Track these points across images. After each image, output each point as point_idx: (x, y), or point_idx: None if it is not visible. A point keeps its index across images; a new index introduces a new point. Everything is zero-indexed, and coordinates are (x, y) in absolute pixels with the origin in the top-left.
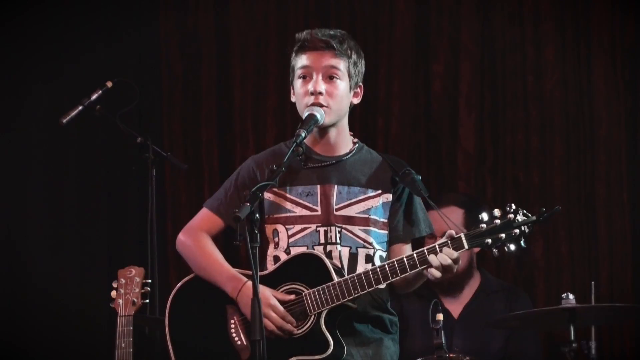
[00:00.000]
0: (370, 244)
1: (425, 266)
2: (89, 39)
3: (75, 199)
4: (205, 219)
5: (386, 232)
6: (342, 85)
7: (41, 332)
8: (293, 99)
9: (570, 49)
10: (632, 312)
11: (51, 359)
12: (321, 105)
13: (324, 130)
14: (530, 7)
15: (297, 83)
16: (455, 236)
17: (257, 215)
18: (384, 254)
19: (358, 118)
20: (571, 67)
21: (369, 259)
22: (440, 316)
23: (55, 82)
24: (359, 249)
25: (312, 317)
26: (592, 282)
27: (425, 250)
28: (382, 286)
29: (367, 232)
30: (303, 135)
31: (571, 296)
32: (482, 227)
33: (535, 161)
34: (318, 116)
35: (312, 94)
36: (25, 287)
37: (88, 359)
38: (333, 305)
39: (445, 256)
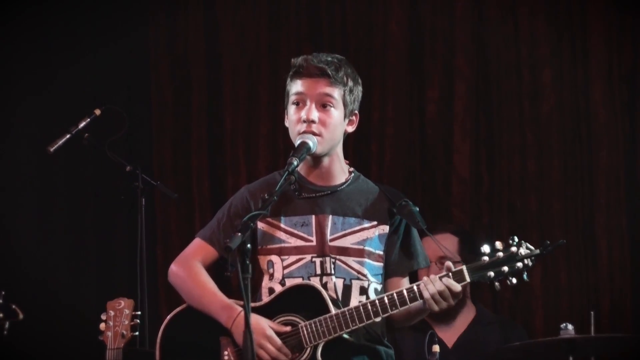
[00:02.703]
0: (365, 275)
1: (425, 299)
2: (76, 62)
3: (63, 228)
4: (198, 248)
5: (381, 264)
6: (336, 113)
7: None
8: (287, 123)
9: (567, 72)
10: (633, 343)
11: None
12: (314, 134)
13: (317, 159)
14: (526, 29)
15: (291, 109)
16: (456, 269)
17: (249, 245)
18: (379, 287)
19: (352, 143)
20: (568, 90)
21: (363, 291)
22: (436, 348)
23: (40, 106)
24: (352, 281)
25: (309, 349)
26: (592, 312)
27: (425, 282)
28: (379, 319)
29: (361, 263)
30: (295, 163)
31: (570, 326)
32: (484, 260)
33: (533, 187)
34: (310, 144)
35: (304, 121)
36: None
37: None
38: (330, 337)
39: (445, 287)
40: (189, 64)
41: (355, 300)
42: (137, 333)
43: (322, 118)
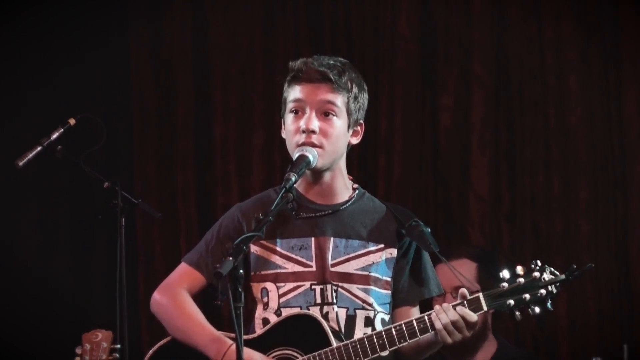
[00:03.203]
0: (371, 304)
1: (437, 330)
2: (48, 66)
3: (35, 252)
4: (183, 275)
5: (389, 292)
6: (339, 123)
7: None
8: (284, 134)
9: (596, 77)
10: None
11: None
12: (314, 145)
13: (317, 174)
14: (550, 31)
15: (289, 118)
16: (472, 296)
17: (242, 271)
18: (387, 317)
19: (356, 157)
20: (598, 98)
21: (369, 322)
22: None
23: (9, 116)
24: (357, 311)
25: None
26: (625, 345)
27: (437, 312)
28: (386, 353)
29: (366, 291)
30: (293, 179)
31: None
32: (503, 287)
33: (558, 205)
34: (310, 157)
35: (303, 131)
36: None
37: None
38: None
39: (459, 316)
40: (174, 68)
41: (360, 332)
42: None
43: (323, 128)
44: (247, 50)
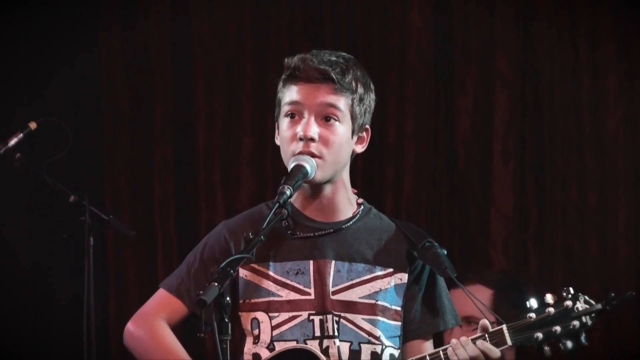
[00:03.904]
0: (378, 338)
1: None
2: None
3: None
4: (162, 302)
5: (399, 323)
6: (342, 129)
7: None
8: (278, 141)
9: (638, 77)
10: None
11: None
12: (312, 155)
13: (317, 187)
14: (584, 23)
15: (284, 123)
16: (495, 329)
17: (228, 298)
18: (396, 352)
19: (360, 168)
20: None
21: (376, 357)
22: None
23: None
24: (362, 345)
25: None
26: None
27: (454, 346)
28: None
29: (373, 322)
30: (288, 193)
31: None
32: (530, 318)
33: (594, 225)
34: (308, 168)
35: (301, 139)
36: None
37: None
38: None
39: (480, 351)
40: (150, 64)
41: None
42: None
43: (323, 135)
44: (234, 44)
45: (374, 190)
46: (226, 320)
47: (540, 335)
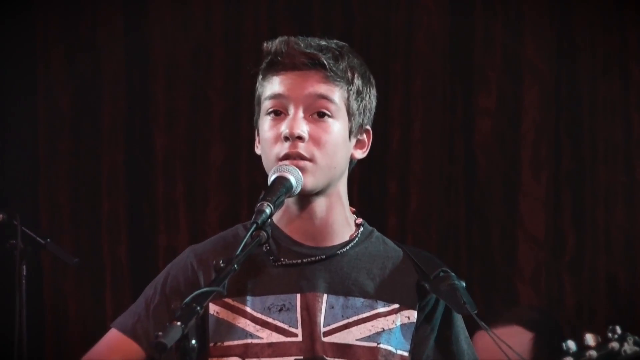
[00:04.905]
0: None
1: None
2: None
3: None
4: (113, 346)
5: None
6: (336, 126)
7: None
8: (258, 150)
9: None
10: None
11: None
12: (301, 158)
13: (306, 202)
14: (633, 5)
15: (265, 122)
16: None
17: (194, 341)
18: None
19: (357, 179)
20: None
21: None
22: None
23: None
24: None
25: None
26: None
27: None
28: None
29: None
30: (268, 212)
31: None
32: None
33: None
34: (292, 181)
35: (286, 138)
36: None
37: None
38: None
39: None
40: (97, 52)
41: None
42: None
43: (314, 133)
44: (201, 29)
45: (373, 208)
46: None
47: None
